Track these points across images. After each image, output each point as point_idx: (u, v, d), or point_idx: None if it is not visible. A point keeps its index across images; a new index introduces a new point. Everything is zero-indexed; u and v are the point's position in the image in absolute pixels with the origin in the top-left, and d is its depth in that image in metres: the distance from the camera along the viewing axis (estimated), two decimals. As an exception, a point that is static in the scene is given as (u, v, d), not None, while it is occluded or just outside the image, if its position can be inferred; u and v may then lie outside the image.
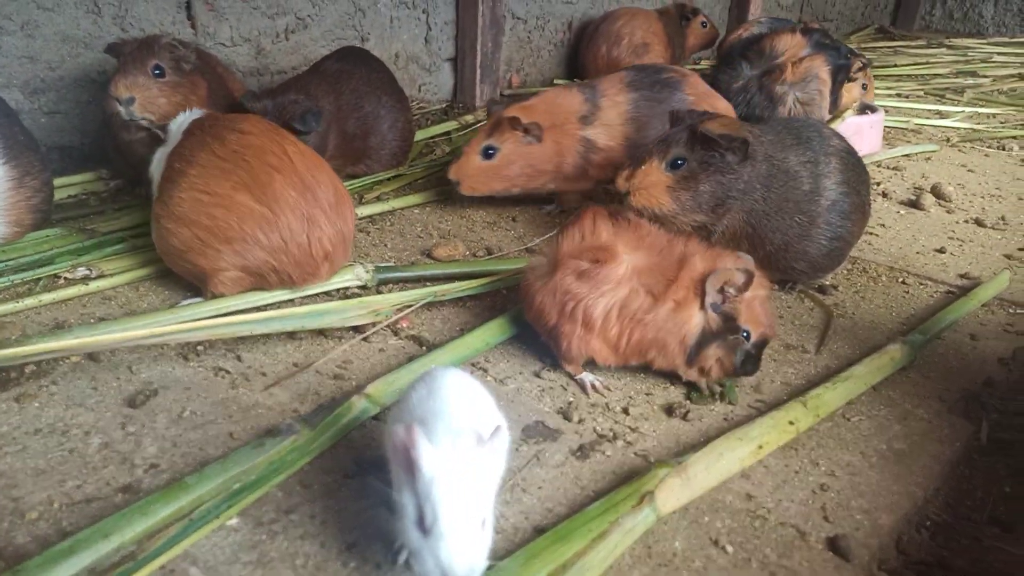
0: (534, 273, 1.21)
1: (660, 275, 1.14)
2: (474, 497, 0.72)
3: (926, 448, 1.10)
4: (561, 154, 1.77)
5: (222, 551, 0.86)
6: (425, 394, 0.84)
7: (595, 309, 1.13)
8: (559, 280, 1.15)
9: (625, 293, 1.13)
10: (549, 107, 1.78)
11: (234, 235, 1.25)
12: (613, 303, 1.13)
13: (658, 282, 1.14)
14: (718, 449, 1.01)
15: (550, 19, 3.09)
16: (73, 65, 1.85)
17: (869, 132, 2.41)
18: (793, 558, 0.90)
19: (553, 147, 1.76)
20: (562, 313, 1.15)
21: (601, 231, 1.17)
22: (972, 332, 1.42)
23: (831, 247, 1.45)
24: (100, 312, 1.32)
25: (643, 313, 1.13)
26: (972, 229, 1.93)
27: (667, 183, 1.39)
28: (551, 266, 1.19)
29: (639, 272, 1.14)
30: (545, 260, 1.21)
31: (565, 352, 1.18)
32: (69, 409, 1.07)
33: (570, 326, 1.15)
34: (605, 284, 1.13)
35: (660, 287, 1.13)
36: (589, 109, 1.77)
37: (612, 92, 1.80)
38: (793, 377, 1.26)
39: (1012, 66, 3.98)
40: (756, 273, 1.13)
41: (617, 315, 1.13)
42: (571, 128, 1.77)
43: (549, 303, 1.16)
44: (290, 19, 2.25)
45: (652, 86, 1.79)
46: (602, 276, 1.13)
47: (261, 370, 1.19)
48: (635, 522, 0.89)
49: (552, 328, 1.17)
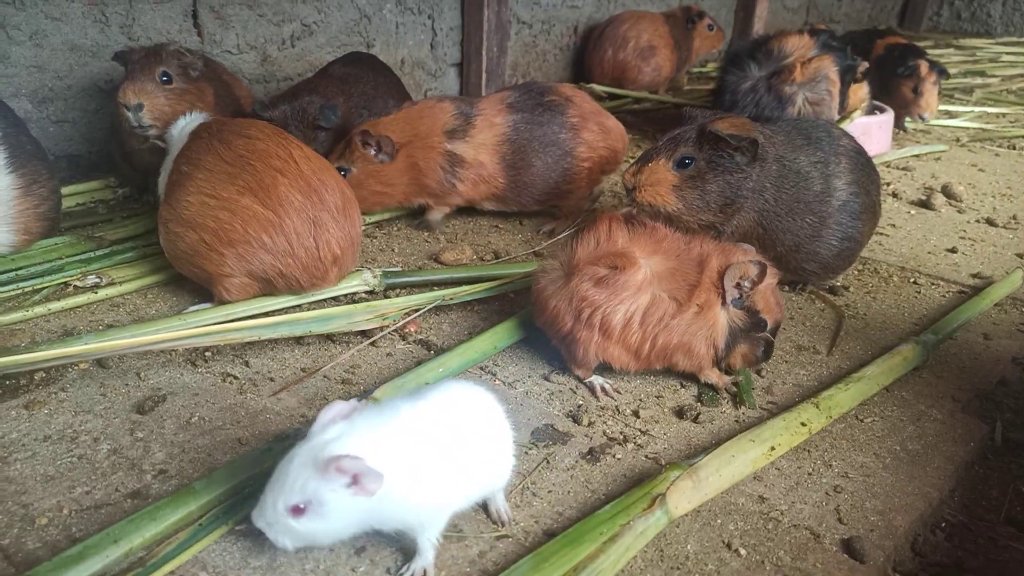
0: (546, 278, 1.20)
1: (681, 279, 1.13)
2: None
3: (940, 449, 1.09)
4: (420, 169, 1.69)
5: (232, 556, 0.85)
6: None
7: (614, 316, 1.12)
8: (575, 286, 1.14)
9: (647, 299, 1.12)
10: (410, 120, 1.70)
11: (238, 238, 1.25)
12: (634, 310, 1.12)
13: (680, 287, 1.13)
14: (730, 451, 1.00)
15: (556, 23, 3.09)
16: (81, 74, 1.86)
17: (878, 132, 2.40)
18: (807, 560, 0.89)
19: (407, 162, 1.68)
20: (578, 319, 1.14)
21: (617, 237, 1.16)
22: (985, 332, 1.41)
23: (842, 248, 1.44)
24: (109, 319, 1.32)
25: (669, 319, 1.12)
26: (984, 228, 1.92)
27: (673, 182, 1.38)
28: (565, 272, 1.18)
29: (659, 277, 1.14)
30: (558, 265, 1.20)
31: (580, 358, 1.17)
32: (78, 416, 1.07)
33: (587, 333, 1.14)
34: (624, 291, 1.12)
35: (683, 292, 1.13)
36: (459, 124, 1.70)
37: (490, 111, 1.73)
38: (805, 378, 1.25)
39: (1020, 65, 3.96)
40: (767, 262, 1.14)
41: (640, 321, 1.12)
42: (435, 141, 1.68)
43: (564, 309, 1.15)
44: (296, 26, 2.25)
45: (534, 109, 1.74)
46: (621, 283, 1.12)
47: (269, 375, 1.19)
48: (647, 525, 0.88)
49: (567, 334, 1.16)
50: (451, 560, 0.86)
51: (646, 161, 1.41)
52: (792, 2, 4.38)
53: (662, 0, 3.59)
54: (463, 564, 0.86)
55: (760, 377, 1.24)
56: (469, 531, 0.90)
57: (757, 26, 3.78)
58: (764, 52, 2.12)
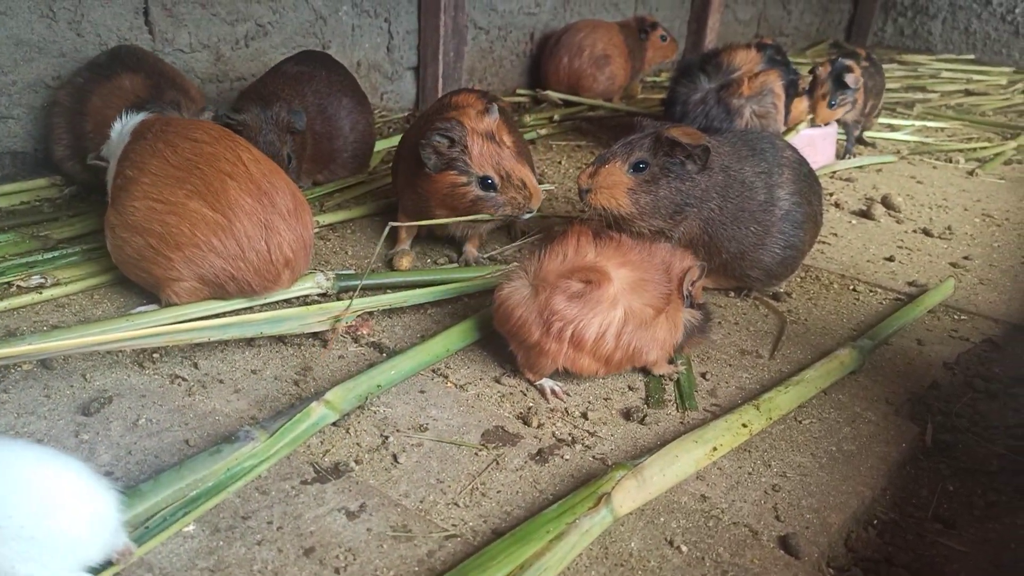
0: (511, 287, 1.20)
1: (653, 288, 1.17)
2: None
3: (874, 449, 1.13)
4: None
5: (179, 558, 0.85)
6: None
7: (587, 330, 1.14)
8: (546, 300, 1.14)
9: (620, 313, 1.15)
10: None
11: (186, 242, 1.24)
12: (608, 323, 1.14)
13: (654, 295, 1.17)
14: (673, 451, 1.03)
15: (512, 30, 3.12)
16: (26, 70, 1.82)
17: (822, 144, 2.47)
18: (745, 556, 0.92)
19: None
20: (547, 332, 1.15)
21: (586, 250, 1.18)
22: (919, 337, 1.47)
23: (785, 255, 1.48)
24: (53, 319, 1.30)
25: (645, 327, 1.16)
26: (920, 238, 1.99)
27: (629, 185, 1.41)
28: (533, 283, 1.18)
29: (631, 288, 1.16)
30: (523, 275, 1.21)
31: (542, 367, 1.19)
32: (21, 417, 1.05)
33: (556, 345, 1.15)
34: (599, 305, 1.13)
35: (660, 300, 1.17)
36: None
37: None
38: (747, 381, 1.28)
39: (958, 82, 4.11)
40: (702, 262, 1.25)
41: (616, 333, 1.15)
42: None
43: (531, 320, 1.16)
44: (250, 26, 2.24)
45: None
46: (595, 298, 1.13)
47: (219, 377, 1.18)
48: (592, 523, 0.91)
49: (533, 344, 1.17)
50: (400, 560, 0.87)
51: (601, 164, 1.43)
52: (744, 15, 4.48)
53: (617, 9, 3.64)
54: (412, 563, 0.87)
55: (705, 380, 1.28)
56: (418, 531, 0.91)
57: (710, 37, 3.87)
58: (714, 65, 2.18)
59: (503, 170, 1.48)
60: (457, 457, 1.05)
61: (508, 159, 1.49)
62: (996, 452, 1.15)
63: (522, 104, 3.04)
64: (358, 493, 0.96)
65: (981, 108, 3.55)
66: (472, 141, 1.49)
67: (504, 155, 1.50)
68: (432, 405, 1.16)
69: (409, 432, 1.09)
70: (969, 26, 5.01)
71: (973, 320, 1.56)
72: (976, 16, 4.98)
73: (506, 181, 1.49)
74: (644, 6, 3.79)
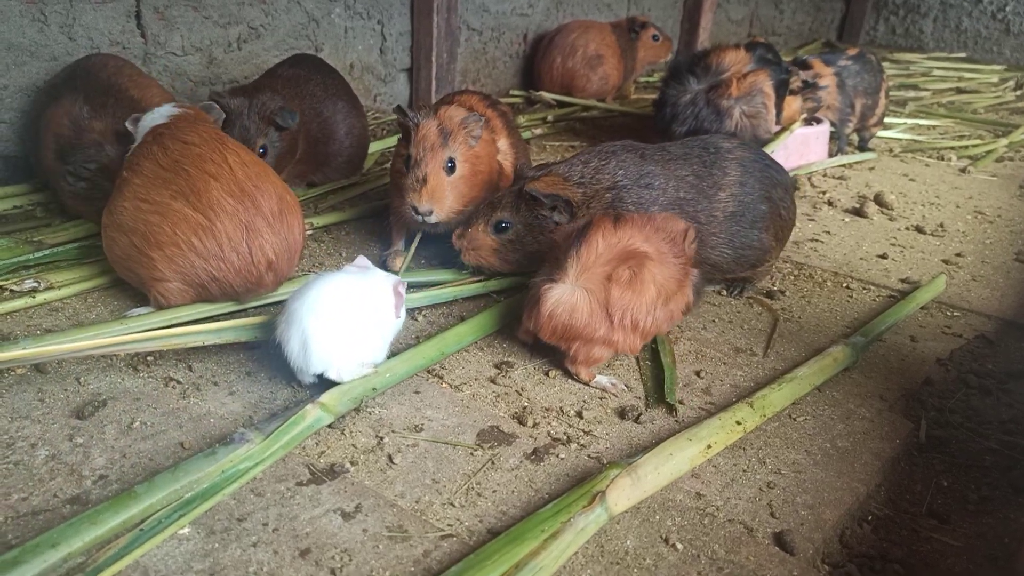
0: (560, 290, 1.20)
1: (673, 259, 1.25)
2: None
3: (868, 446, 1.14)
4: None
5: (174, 560, 0.85)
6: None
7: (639, 312, 1.20)
8: (607, 293, 1.19)
9: (653, 291, 1.21)
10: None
11: (166, 240, 1.24)
12: (651, 301, 1.21)
13: (676, 266, 1.25)
14: (668, 450, 1.03)
15: (505, 31, 3.12)
16: (18, 74, 1.82)
17: (815, 142, 2.48)
18: (741, 553, 0.92)
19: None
20: (612, 324, 1.19)
21: (614, 237, 1.22)
22: (912, 334, 1.48)
23: (738, 255, 1.48)
24: (47, 323, 1.30)
25: (671, 297, 1.25)
26: (913, 236, 2.00)
27: (493, 245, 1.46)
28: (580, 282, 1.20)
29: (660, 263, 1.22)
30: (565, 276, 1.21)
31: (598, 360, 1.23)
32: (15, 421, 1.05)
33: (621, 334, 1.20)
34: (643, 286, 1.20)
35: (680, 273, 1.26)
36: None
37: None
38: (741, 379, 1.29)
39: (950, 80, 4.13)
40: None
41: (653, 310, 1.21)
42: None
43: (597, 316, 1.19)
44: (243, 28, 2.23)
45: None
46: (640, 279, 1.20)
47: (213, 380, 1.18)
48: (587, 522, 0.91)
49: (599, 338, 1.20)
50: (395, 560, 0.87)
51: (467, 226, 1.47)
52: (736, 14, 4.49)
53: (609, 10, 3.65)
54: (408, 564, 0.87)
55: (699, 378, 1.28)
56: (414, 531, 0.92)
57: (702, 37, 3.87)
58: (703, 66, 2.18)
59: (418, 157, 1.49)
60: (452, 457, 1.05)
61: (430, 153, 1.48)
62: (989, 447, 1.16)
63: (516, 105, 3.05)
64: (354, 494, 0.97)
65: (973, 106, 3.57)
66: (417, 132, 1.50)
67: (429, 148, 1.49)
68: (427, 406, 1.16)
69: (404, 433, 1.09)
70: (960, 24, 5.03)
71: (966, 316, 1.57)
72: (967, 14, 5.00)
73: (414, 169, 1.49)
74: (637, 6, 3.80)
